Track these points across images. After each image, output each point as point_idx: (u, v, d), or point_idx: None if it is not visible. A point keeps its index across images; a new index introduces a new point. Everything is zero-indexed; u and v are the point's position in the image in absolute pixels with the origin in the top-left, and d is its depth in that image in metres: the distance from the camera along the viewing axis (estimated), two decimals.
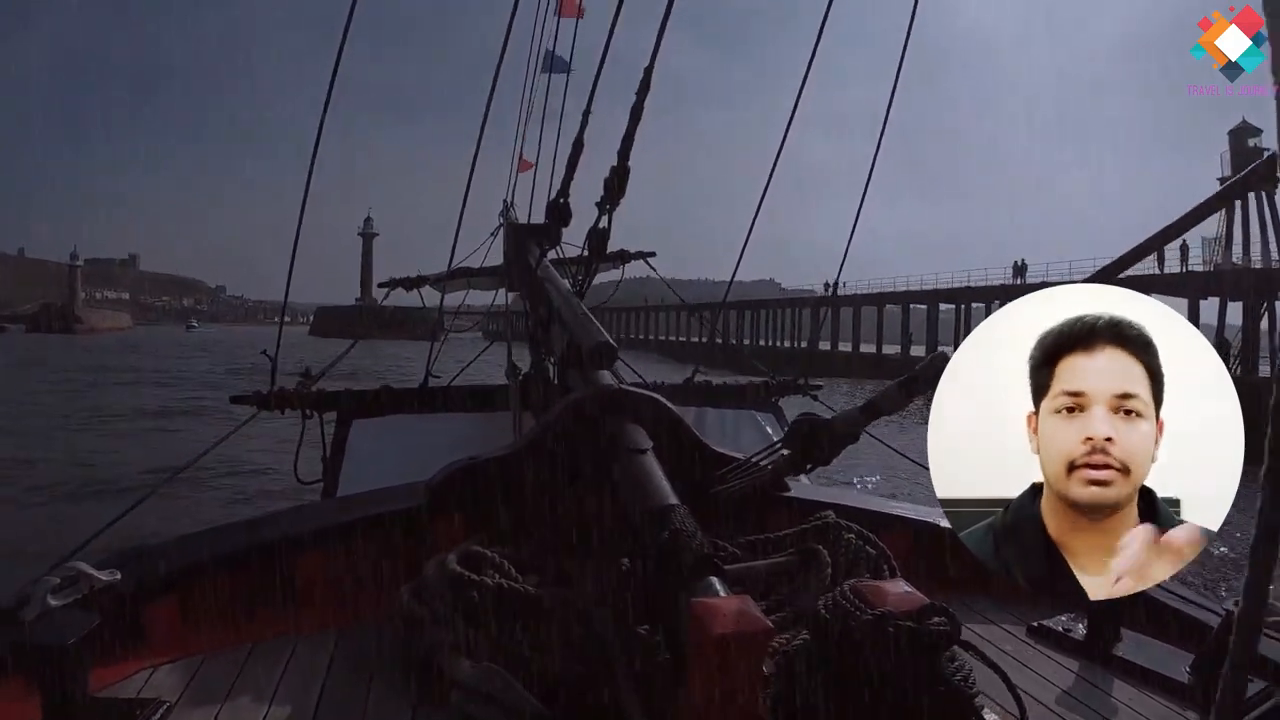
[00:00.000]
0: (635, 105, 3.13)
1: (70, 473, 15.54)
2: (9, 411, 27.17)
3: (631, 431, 2.42)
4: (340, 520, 2.64)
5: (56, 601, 2.05)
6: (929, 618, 1.65)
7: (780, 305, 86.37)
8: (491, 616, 2.04)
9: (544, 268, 4.64)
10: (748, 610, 1.60)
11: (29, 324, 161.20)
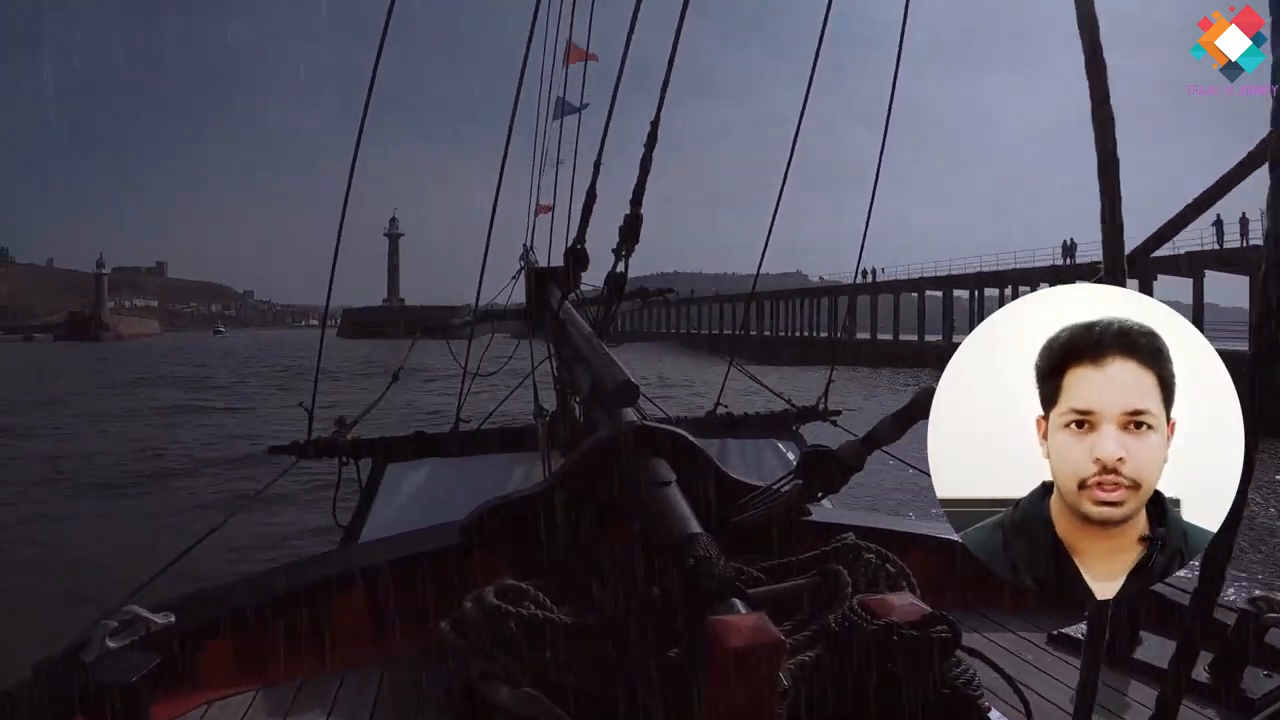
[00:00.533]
0: (644, 157, 3.29)
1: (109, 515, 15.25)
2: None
3: (655, 465, 2.51)
4: (381, 560, 2.73)
5: (115, 644, 2.13)
6: (931, 626, 1.76)
7: (815, 294, 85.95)
8: (528, 646, 2.10)
9: (565, 309, 4.77)
10: (761, 625, 1.69)
11: (57, 333, 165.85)
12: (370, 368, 34.57)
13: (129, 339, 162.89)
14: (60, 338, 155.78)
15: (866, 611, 1.87)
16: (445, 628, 2.29)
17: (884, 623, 1.79)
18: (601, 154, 3.90)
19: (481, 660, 2.12)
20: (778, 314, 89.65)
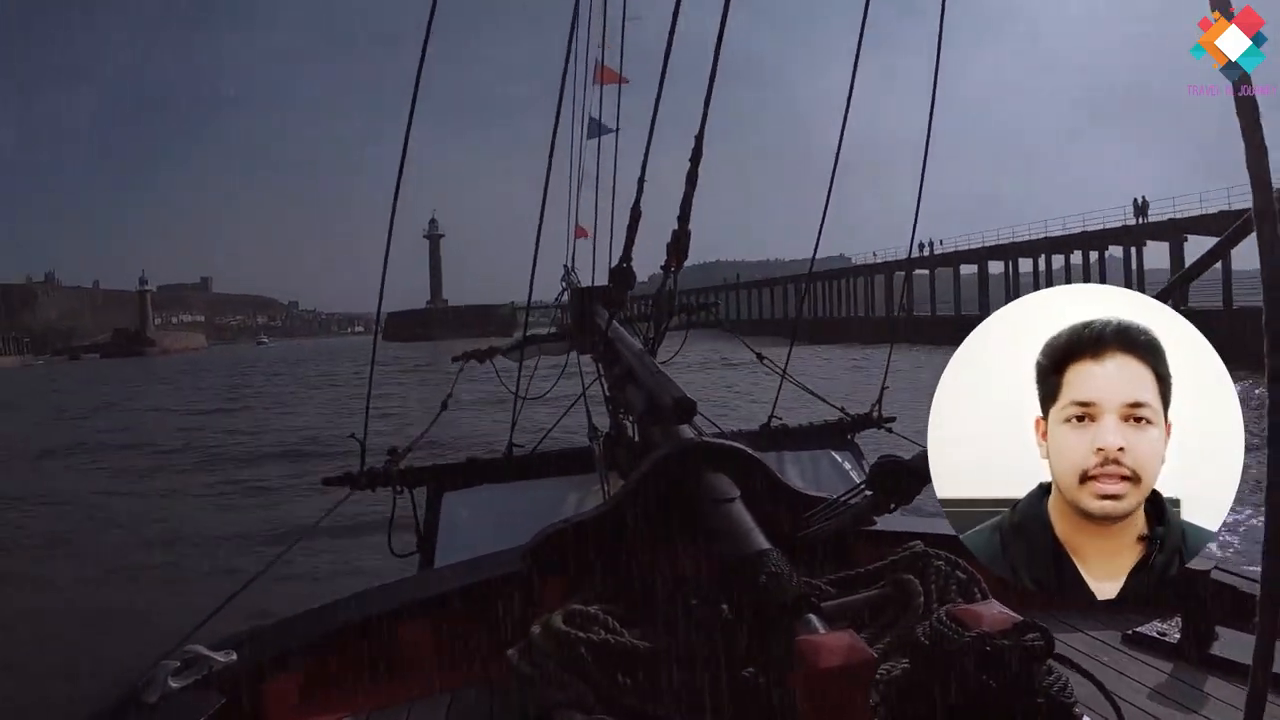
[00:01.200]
0: (690, 171, 3.27)
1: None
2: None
3: (717, 481, 2.47)
4: (443, 589, 2.74)
5: (177, 684, 2.14)
6: (1023, 634, 1.72)
7: (869, 271, 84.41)
8: (600, 671, 2.09)
9: (613, 328, 4.74)
10: (852, 643, 1.64)
11: (103, 350, 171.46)
12: (418, 370, 35.93)
13: (175, 353, 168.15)
14: (107, 355, 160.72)
15: (955, 622, 1.80)
16: (514, 655, 2.26)
17: (976, 634, 1.73)
18: (644, 171, 3.77)
19: (554, 688, 2.09)
20: (832, 294, 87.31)
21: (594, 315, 5.69)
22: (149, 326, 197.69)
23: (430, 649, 2.65)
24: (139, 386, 57.13)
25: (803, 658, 1.63)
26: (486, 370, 7.38)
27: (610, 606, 2.34)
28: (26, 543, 15.90)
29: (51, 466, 25.28)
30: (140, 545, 15.19)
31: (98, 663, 8.49)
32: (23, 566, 14.11)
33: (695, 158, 3.28)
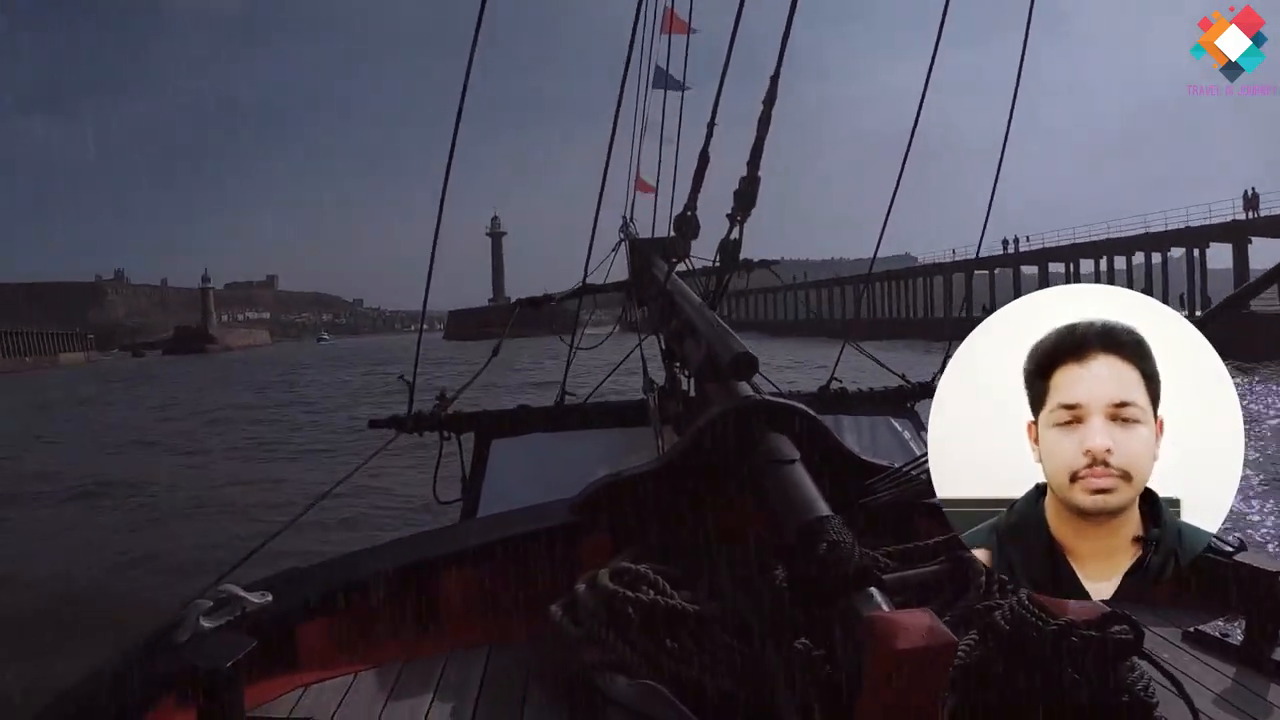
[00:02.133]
0: (763, 115, 3.20)
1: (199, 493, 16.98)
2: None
3: (777, 442, 2.42)
4: (486, 539, 2.69)
5: (209, 624, 2.14)
6: (1109, 626, 1.69)
7: (944, 271, 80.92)
8: (647, 633, 2.05)
9: (672, 281, 4.75)
10: (931, 624, 1.59)
11: (165, 347, 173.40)
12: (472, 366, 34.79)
13: (237, 350, 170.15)
14: (169, 352, 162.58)
15: (1037, 608, 1.76)
16: (557, 611, 2.25)
17: (1062, 623, 1.69)
18: (715, 115, 3.67)
19: (597, 648, 2.07)
20: (894, 295, 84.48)
21: (652, 266, 5.60)
22: (211, 324, 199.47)
23: (470, 601, 2.58)
24: (187, 383, 59.54)
25: (878, 636, 1.56)
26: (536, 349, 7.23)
27: (659, 566, 2.27)
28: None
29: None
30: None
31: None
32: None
33: (769, 100, 3.18)
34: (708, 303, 4.24)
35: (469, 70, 4.11)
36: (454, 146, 4.33)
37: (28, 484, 19.21)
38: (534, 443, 5.34)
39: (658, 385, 5.22)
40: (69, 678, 2.15)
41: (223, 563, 3.31)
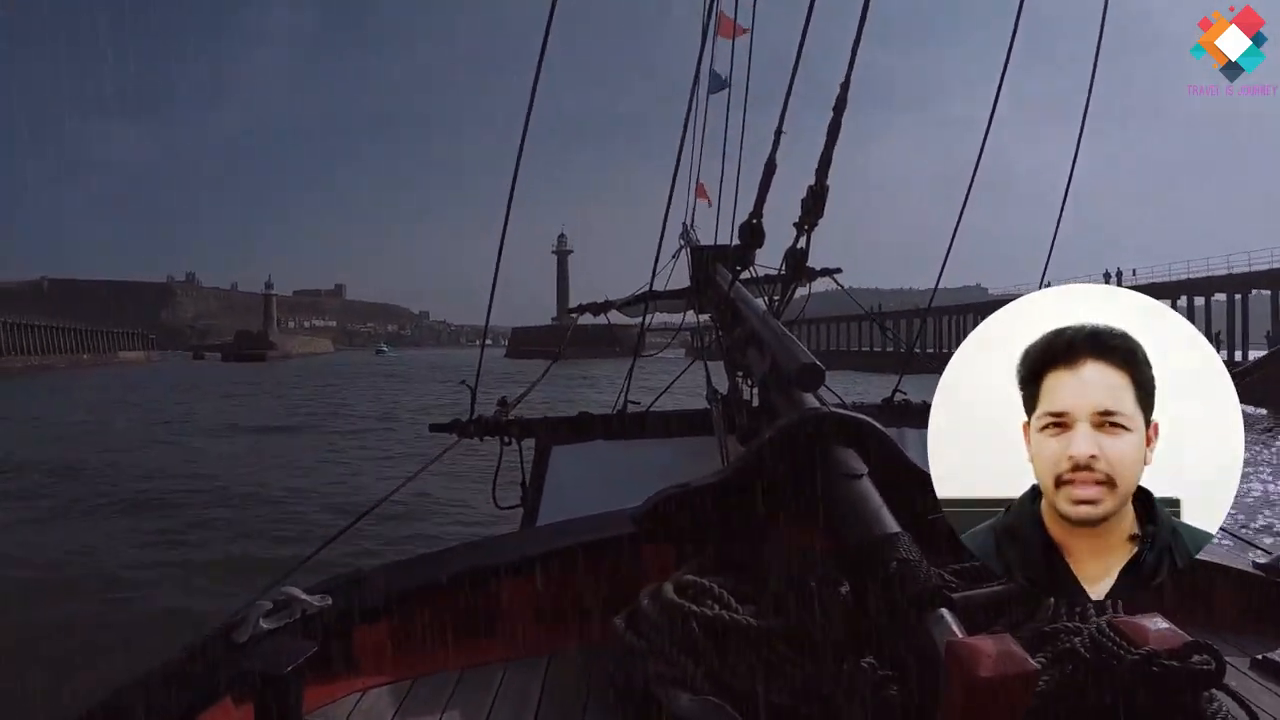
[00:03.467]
0: (832, 122, 3.09)
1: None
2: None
3: (845, 455, 2.34)
4: (547, 548, 2.66)
5: (269, 625, 2.15)
6: (1190, 655, 1.65)
7: (990, 309, 73.06)
8: (710, 648, 2.02)
9: (736, 288, 4.64)
10: (1014, 651, 1.55)
11: (224, 352, 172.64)
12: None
13: (297, 357, 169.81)
14: (227, 356, 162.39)
15: (1118, 634, 1.72)
16: (620, 624, 2.22)
17: (1145, 651, 1.64)
18: (782, 121, 3.52)
19: (660, 661, 2.05)
20: (957, 328, 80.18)
21: (715, 274, 5.60)
22: (272, 329, 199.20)
23: (530, 609, 2.55)
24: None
25: (959, 663, 1.53)
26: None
27: (722, 579, 2.23)
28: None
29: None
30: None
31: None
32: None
33: (839, 107, 3.04)
34: (771, 311, 4.19)
35: (534, 90, 4.19)
36: (518, 167, 4.37)
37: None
38: (595, 450, 5.29)
39: (721, 394, 4.91)
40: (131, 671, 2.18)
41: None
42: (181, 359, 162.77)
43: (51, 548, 13.72)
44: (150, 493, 18.55)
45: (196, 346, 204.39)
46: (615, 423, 5.48)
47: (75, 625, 9.49)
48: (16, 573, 12.11)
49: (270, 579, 2.75)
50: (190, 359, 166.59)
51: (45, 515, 16.57)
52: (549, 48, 3.95)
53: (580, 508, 2.98)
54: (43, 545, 13.94)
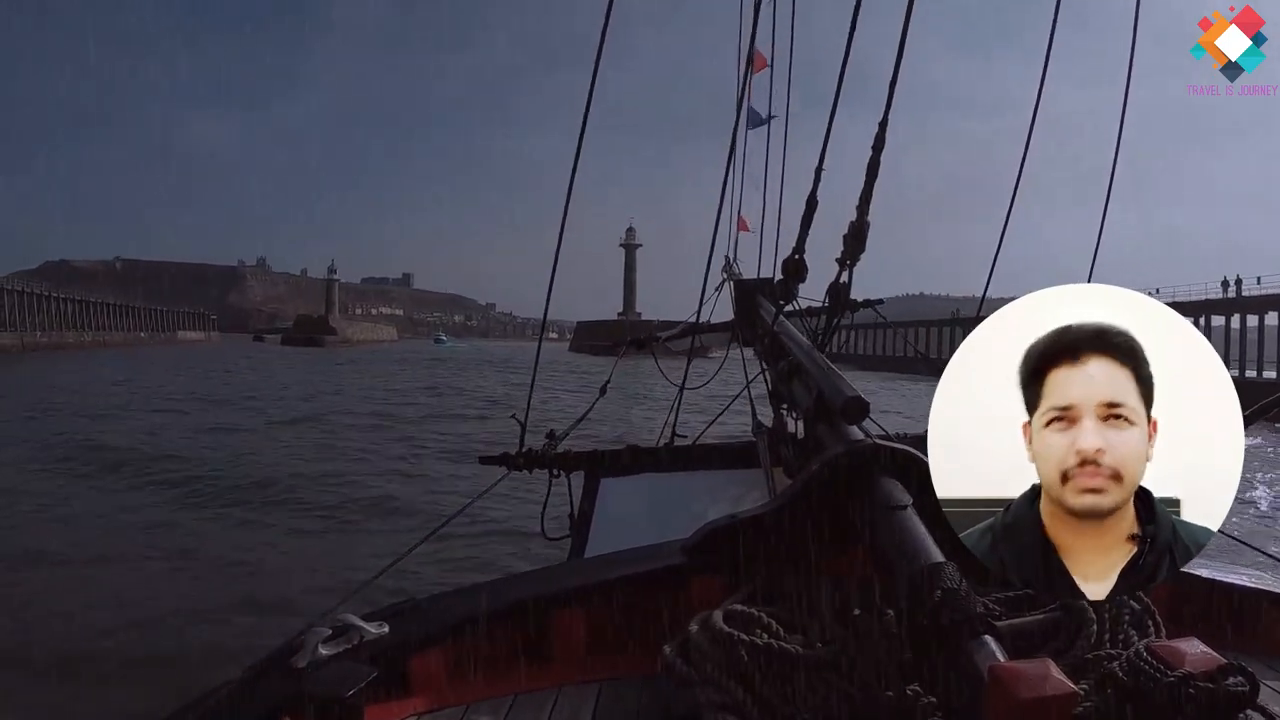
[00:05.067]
0: (871, 161, 3.04)
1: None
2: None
3: (890, 487, 2.36)
4: (600, 578, 2.67)
5: (327, 651, 2.17)
6: (1226, 678, 1.65)
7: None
8: (759, 676, 2.02)
9: (780, 322, 4.63)
10: (1052, 674, 1.56)
11: (284, 336, 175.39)
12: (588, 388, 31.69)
13: (357, 344, 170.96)
14: (287, 340, 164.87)
15: (1155, 659, 1.71)
16: (670, 652, 2.22)
17: (1180, 674, 1.64)
18: (823, 160, 3.59)
19: (711, 690, 2.04)
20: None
21: (758, 307, 5.63)
22: (333, 315, 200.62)
23: (581, 638, 2.58)
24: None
25: (1000, 685, 1.56)
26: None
27: (771, 609, 2.24)
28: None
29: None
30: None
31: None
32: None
33: (878, 146, 3.03)
34: (815, 344, 4.18)
35: (592, 86, 4.34)
36: (577, 160, 4.48)
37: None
38: (643, 482, 5.36)
39: (766, 427, 4.90)
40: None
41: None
42: (243, 341, 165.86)
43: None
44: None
45: (259, 330, 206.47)
46: (663, 456, 5.57)
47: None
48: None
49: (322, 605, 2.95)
50: (251, 341, 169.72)
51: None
52: (612, 45, 4.18)
53: (629, 539, 3.07)
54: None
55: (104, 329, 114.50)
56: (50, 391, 40.63)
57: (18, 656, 8.35)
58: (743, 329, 6.32)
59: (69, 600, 10.13)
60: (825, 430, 2.94)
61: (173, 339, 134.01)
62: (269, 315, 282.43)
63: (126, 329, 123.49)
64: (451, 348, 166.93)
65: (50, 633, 9.05)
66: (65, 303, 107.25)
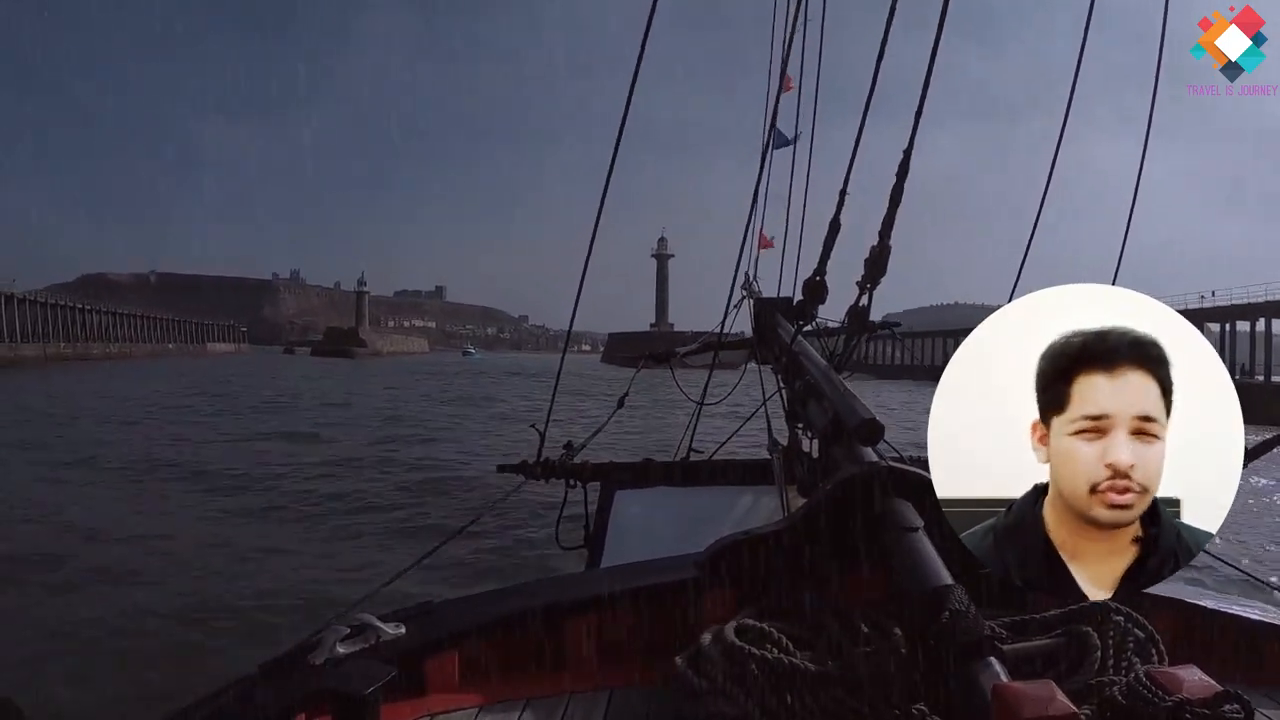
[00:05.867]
0: (895, 188, 3.05)
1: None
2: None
3: (902, 508, 2.37)
4: (614, 588, 2.69)
5: (344, 649, 2.18)
6: (1222, 705, 1.64)
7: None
8: (769, 690, 2.03)
9: (798, 342, 4.56)
10: (1054, 695, 1.57)
11: (314, 348, 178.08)
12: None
13: (387, 356, 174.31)
14: (316, 352, 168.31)
15: (1155, 685, 1.72)
16: (681, 662, 2.25)
17: (1177, 699, 1.65)
18: (847, 183, 3.65)
19: (720, 701, 2.08)
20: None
21: (777, 326, 5.71)
22: (363, 328, 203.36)
23: (594, 646, 2.58)
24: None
25: (1003, 705, 1.58)
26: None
27: (781, 625, 2.27)
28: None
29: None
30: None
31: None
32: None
33: (901, 173, 3.04)
34: (832, 365, 4.11)
35: (629, 102, 4.33)
36: (611, 171, 4.49)
37: None
38: (658, 495, 5.39)
39: (782, 445, 4.94)
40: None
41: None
42: (273, 353, 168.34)
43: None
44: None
45: (290, 342, 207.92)
46: (678, 470, 5.61)
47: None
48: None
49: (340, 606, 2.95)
50: (281, 353, 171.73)
51: None
52: (648, 61, 4.13)
53: (643, 550, 3.19)
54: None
55: (130, 340, 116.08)
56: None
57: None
58: (760, 347, 6.34)
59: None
60: (840, 451, 2.94)
61: (202, 350, 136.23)
62: (302, 328, 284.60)
63: (154, 340, 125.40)
64: (479, 360, 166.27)
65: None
66: (91, 314, 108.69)
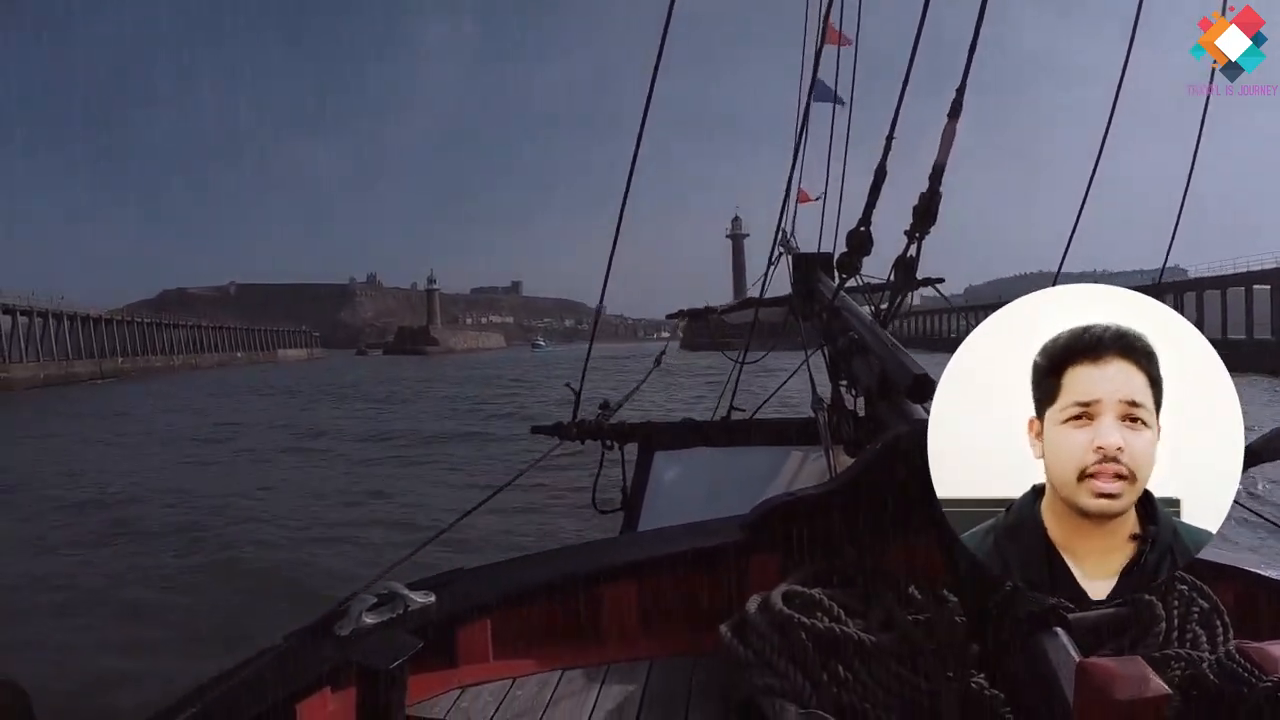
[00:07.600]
0: (946, 129, 2.99)
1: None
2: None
3: None
4: (653, 553, 2.68)
5: (371, 619, 2.15)
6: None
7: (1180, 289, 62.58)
8: (819, 662, 2.00)
9: (840, 297, 4.58)
10: (1146, 674, 1.53)
11: (386, 349, 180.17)
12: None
13: (461, 353, 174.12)
14: (389, 352, 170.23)
15: (1247, 660, 1.64)
16: (726, 632, 2.20)
17: (1277, 679, 1.57)
18: (894, 128, 3.45)
19: (768, 673, 2.02)
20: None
21: (818, 281, 5.61)
22: (434, 325, 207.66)
23: (633, 613, 2.55)
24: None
25: (1093, 685, 1.51)
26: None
27: (829, 591, 2.21)
28: None
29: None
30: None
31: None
32: None
33: (954, 112, 2.95)
34: (878, 320, 4.06)
35: (653, 81, 4.44)
36: (639, 144, 4.61)
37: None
38: (699, 456, 5.21)
39: (826, 403, 4.82)
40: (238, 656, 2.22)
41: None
42: (347, 356, 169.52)
43: None
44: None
45: (366, 344, 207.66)
46: (719, 429, 5.43)
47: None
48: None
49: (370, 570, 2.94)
50: (354, 355, 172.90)
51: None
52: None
53: (683, 514, 3.05)
54: None
55: (197, 351, 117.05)
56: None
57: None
58: (800, 303, 6.18)
59: None
60: (886, 409, 2.88)
61: (273, 357, 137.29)
62: (380, 329, 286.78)
63: (222, 350, 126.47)
64: (548, 353, 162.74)
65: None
66: (155, 328, 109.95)
